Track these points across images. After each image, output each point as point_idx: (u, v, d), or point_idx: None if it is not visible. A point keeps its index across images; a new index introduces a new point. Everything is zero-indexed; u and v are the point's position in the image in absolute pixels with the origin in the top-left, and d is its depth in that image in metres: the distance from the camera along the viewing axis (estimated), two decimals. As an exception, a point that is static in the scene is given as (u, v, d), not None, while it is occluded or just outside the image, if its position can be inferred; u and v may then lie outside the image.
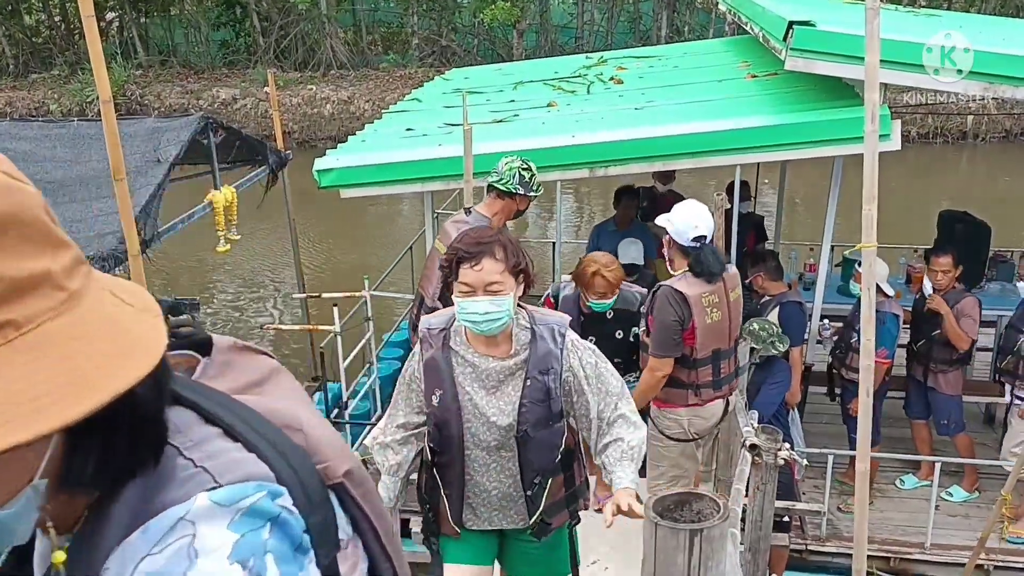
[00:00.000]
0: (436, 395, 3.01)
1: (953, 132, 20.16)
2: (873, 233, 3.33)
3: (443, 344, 3.02)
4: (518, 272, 2.89)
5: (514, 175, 4.74)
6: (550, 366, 2.96)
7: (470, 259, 2.82)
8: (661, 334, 4.41)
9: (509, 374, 2.99)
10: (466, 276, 2.84)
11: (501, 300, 2.83)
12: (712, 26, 22.86)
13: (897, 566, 5.69)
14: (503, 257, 2.83)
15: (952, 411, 6.04)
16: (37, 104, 21.74)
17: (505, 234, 2.90)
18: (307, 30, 23.70)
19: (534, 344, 2.97)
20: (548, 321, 3.03)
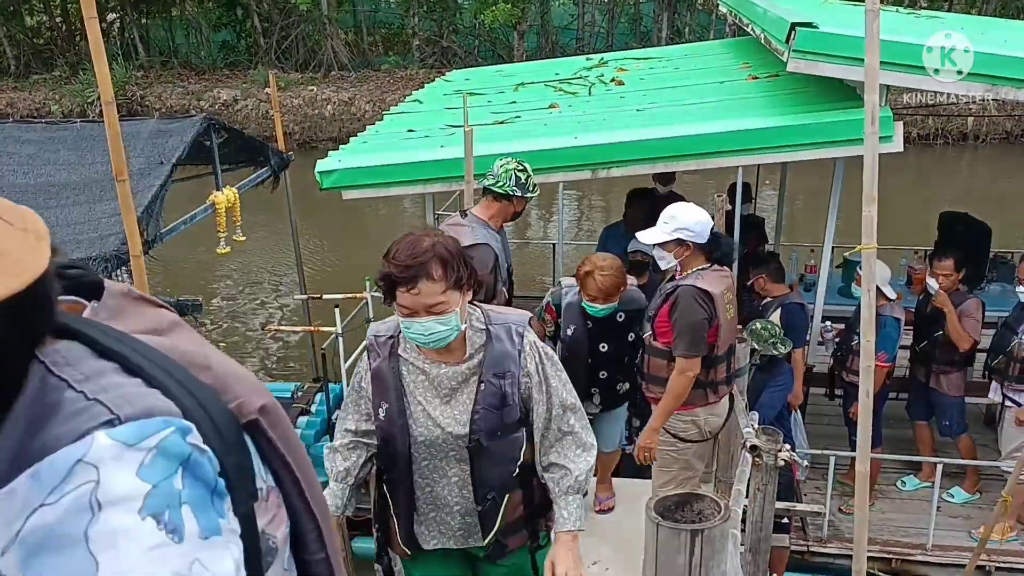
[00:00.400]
0: (382, 408, 2.79)
1: (954, 133, 20.16)
2: (873, 235, 3.33)
3: (390, 353, 2.80)
4: (461, 285, 2.60)
5: (510, 177, 4.70)
6: (506, 369, 2.73)
7: (405, 283, 2.53)
8: (692, 334, 4.36)
9: (463, 380, 2.75)
10: (404, 300, 2.56)
11: (446, 319, 2.58)
12: (713, 27, 22.87)
13: (898, 567, 5.70)
14: (441, 275, 2.53)
15: (954, 412, 6.05)
16: (38, 105, 21.75)
17: (441, 245, 2.56)
18: (308, 31, 23.72)
19: (489, 345, 2.74)
20: (505, 320, 2.80)
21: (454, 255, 2.56)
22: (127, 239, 4.59)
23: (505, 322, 2.78)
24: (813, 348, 6.35)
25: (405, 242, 2.55)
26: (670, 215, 4.39)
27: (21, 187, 5.87)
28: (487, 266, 4.57)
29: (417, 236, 2.56)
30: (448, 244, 2.57)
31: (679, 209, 4.43)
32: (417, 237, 2.56)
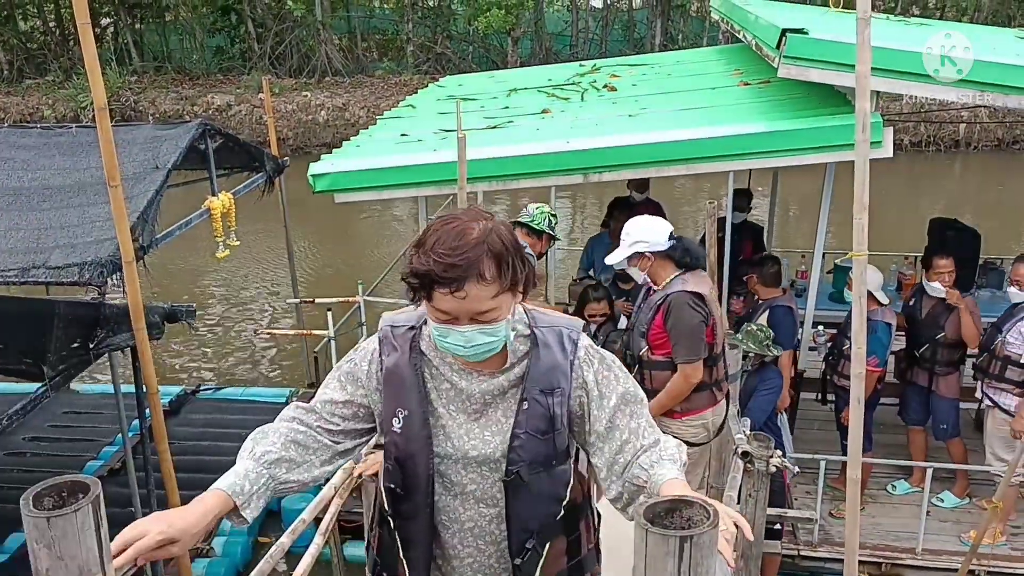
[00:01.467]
0: (400, 416, 2.18)
1: (946, 140, 20.28)
2: (864, 242, 3.34)
3: (411, 348, 2.21)
4: (516, 287, 2.05)
5: (544, 218, 5.54)
6: (556, 384, 2.15)
7: (448, 284, 1.93)
8: (691, 339, 4.45)
9: (499, 394, 2.17)
10: (444, 304, 1.98)
11: (494, 328, 2.03)
12: (706, 34, 22.98)
13: (888, 571, 5.71)
14: (495, 275, 1.96)
15: (951, 415, 6.12)
16: (31, 110, 21.74)
17: (496, 235, 1.99)
18: (302, 37, 23.75)
19: (535, 354, 2.17)
20: (555, 323, 2.24)
21: (510, 249, 2.00)
22: (120, 245, 4.60)
23: (555, 325, 2.22)
24: (804, 353, 6.37)
25: (449, 230, 1.94)
26: (625, 232, 4.60)
27: (16, 190, 5.86)
28: None
29: (464, 222, 1.96)
30: (502, 234, 1.99)
31: (631, 225, 4.64)
32: (464, 224, 1.96)
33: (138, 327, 4.77)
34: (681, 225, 14.63)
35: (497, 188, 5.81)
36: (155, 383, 5.07)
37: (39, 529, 1.43)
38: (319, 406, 2.22)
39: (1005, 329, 5.66)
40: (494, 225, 1.99)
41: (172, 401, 8.25)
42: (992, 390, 5.73)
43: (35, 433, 7.91)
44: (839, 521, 5.93)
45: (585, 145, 5.57)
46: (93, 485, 1.47)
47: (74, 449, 7.68)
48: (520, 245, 2.05)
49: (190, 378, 10.05)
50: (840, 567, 5.43)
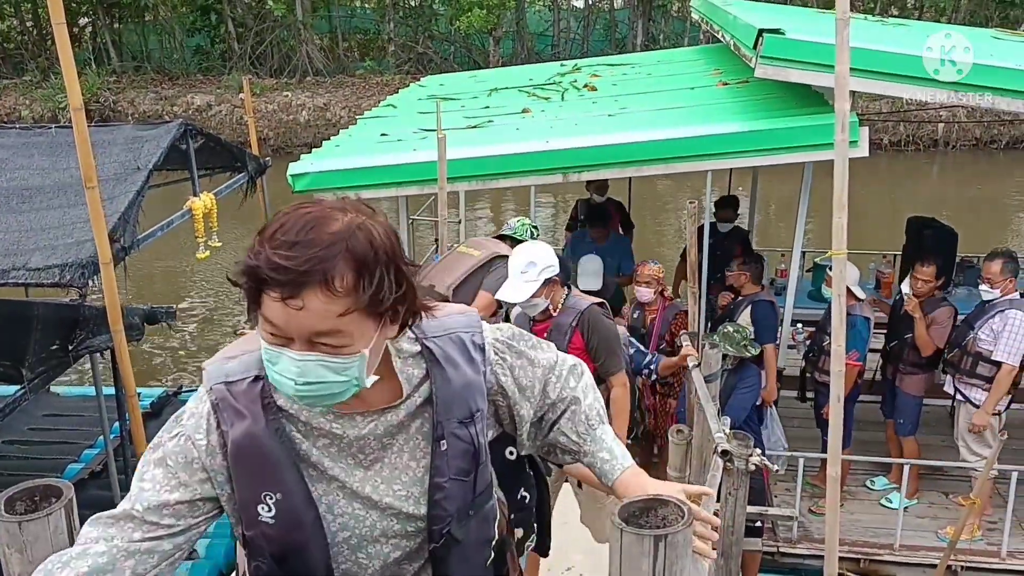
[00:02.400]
0: (269, 503, 1.60)
1: (924, 140, 20.44)
2: (843, 240, 3.38)
3: (264, 407, 1.61)
4: (382, 310, 1.47)
5: (526, 230, 5.63)
6: (474, 408, 1.70)
7: (280, 287, 1.39)
8: (617, 348, 4.49)
9: (398, 430, 1.66)
10: (272, 311, 1.43)
11: (342, 363, 1.46)
12: (687, 34, 23.07)
13: (867, 567, 5.75)
14: (350, 286, 1.41)
15: (910, 413, 6.14)
16: (8, 110, 21.55)
17: (364, 233, 1.45)
18: (283, 36, 23.66)
19: (439, 375, 1.67)
20: (449, 328, 1.73)
21: (381, 257, 1.45)
22: (97, 246, 4.57)
23: (450, 330, 1.72)
24: (783, 351, 6.41)
25: (300, 216, 1.44)
26: (527, 261, 4.31)
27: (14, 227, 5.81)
28: None
29: (324, 211, 1.45)
30: (375, 236, 1.45)
31: (530, 253, 4.37)
32: (323, 213, 1.45)
33: (116, 329, 4.75)
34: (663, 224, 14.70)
35: (477, 187, 5.83)
36: (133, 385, 5.04)
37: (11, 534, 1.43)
38: (141, 511, 1.57)
39: (977, 326, 5.72)
40: (367, 221, 1.46)
41: (154, 403, 8.19)
42: (963, 385, 5.79)
43: (14, 436, 7.84)
44: (818, 517, 5.97)
45: (564, 145, 5.59)
46: (66, 489, 1.47)
47: (54, 452, 7.61)
48: (405, 259, 1.51)
49: (172, 379, 10.00)
50: (819, 563, 5.48)
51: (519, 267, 4.31)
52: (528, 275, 4.29)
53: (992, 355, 5.59)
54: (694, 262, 5.68)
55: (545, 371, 1.86)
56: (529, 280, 4.29)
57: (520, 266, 4.31)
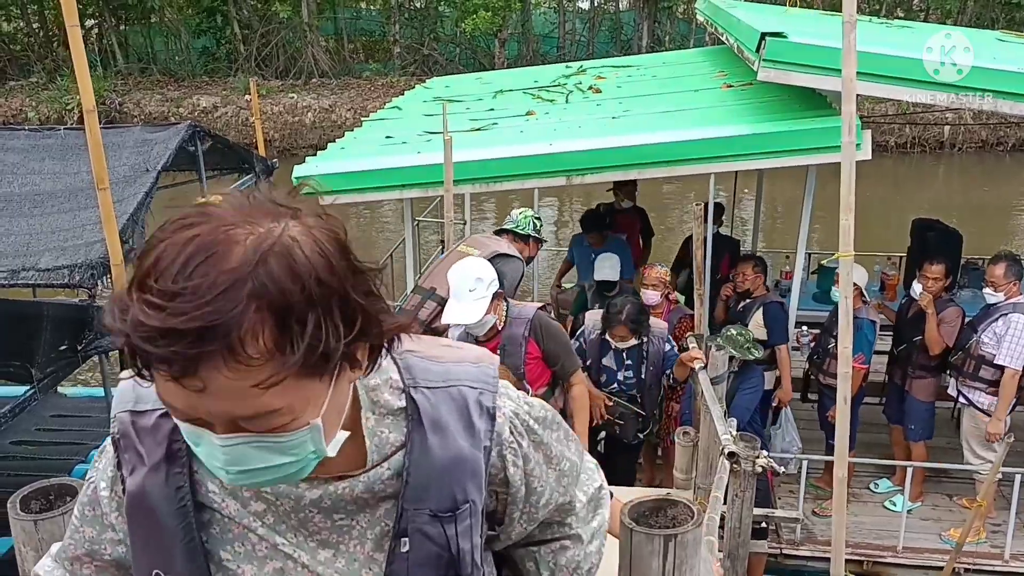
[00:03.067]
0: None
1: (931, 142, 20.40)
2: (850, 242, 3.40)
3: (168, 453, 1.19)
4: (331, 361, 1.01)
5: (529, 222, 5.46)
6: (460, 498, 1.23)
7: (163, 364, 0.94)
8: (570, 346, 4.55)
9: (358, 509, 1.23)
10: (169, 394, 0.99)
11: (289, 440, 1.04)
12: (692, 36, 23.05)
13: (870, 569, 5.76)
14: (268, 347, 0.94)
15: (922, 417, 6.12)
16: (15, 111, 21.61)
17: (282, 257, 0.95)
18: (288, 38, 23.70)
19: (418, 443, 1.21)
20: (452, 379, 1.26)
21: (311, 285, 0.96)
22: (108, 248, 4.61)
23: (451, 382, 1.25)
24: (788, 352, 6.44)
25: (182, 244, 0.95)
26: (474, 278, 4.05)
27: (6, 196, 5.86)
28: (515, 280, 4.82)
29: (218, 230, 0.96)
30: (302, 253, 0.97)
31: (474, 269, 4.11)
32: (218, 232, 0.96)
33: (124, 330, 4.78)
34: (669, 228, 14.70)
35: (481, 190, 5.85)
36: (142, 386, 5.06)
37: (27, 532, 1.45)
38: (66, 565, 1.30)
39: (980, 329, 5.72)
40: (286, 236, 0.96)
41: (160, 404, 8.23)
42: (967, 388, 5.79)
43: (22, 437, 7.88)
44: (821, 519, 5.98)
45: (567, 147, 5.61)
46: (80, 488, 1.48)
47: (62, 453, 7.65)
48: (355, 273, 1.02)
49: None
50: (823, 565, 5.51)
51: (465, 286, 4.03)
52: (477, 292, 4.03)
53: (995, 359, 5.59)
54: (700, 264, 5.70)
55: (560, 477, 1.38)
56: (479, 298, 4.03)
57: (466, 284, 4.03)
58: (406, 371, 1.24)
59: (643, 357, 5.30)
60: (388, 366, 1.23)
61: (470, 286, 4.01)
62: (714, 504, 4.14)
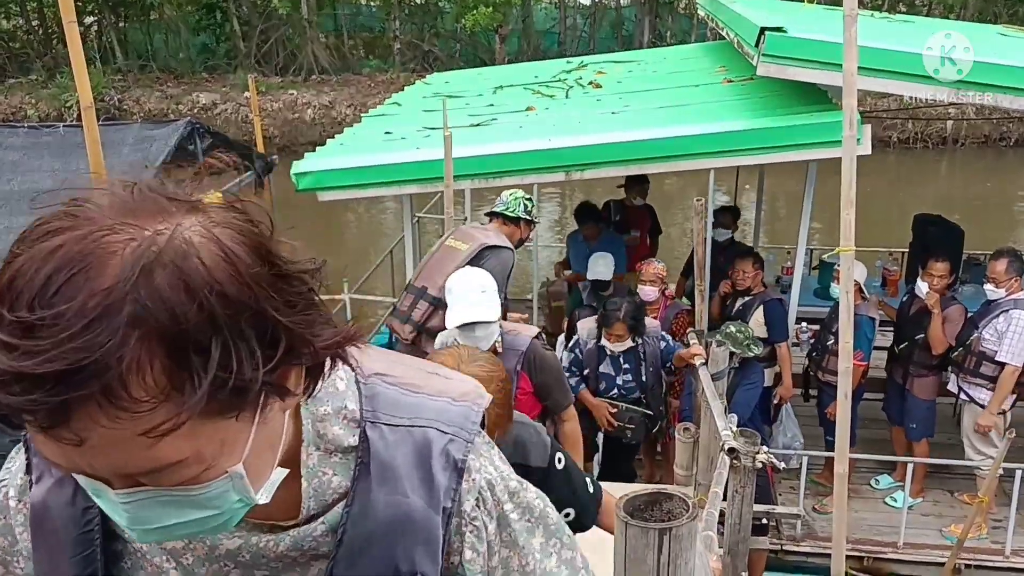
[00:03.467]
0: None
1: (933, 137, 20.34)
2: (851, 237, 3.38)
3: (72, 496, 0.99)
4: (253, 394, 0.79)
5: (519, 204, 5.16)
6: (408, 569, 0.99)
7: (30, 415, 0.72)
8: (563, 378, 4.18)
9: (282, 568, 1.00)
10: (41, 446, 0.78)
11: (202, 492, 0.82)
12: (694, 31, 22.99)
13: (871, 565, 5.75)
14: (157, 385, 0.73)
15: (922, 416, 6.09)
16: (14, 109, 21.61)
17: (170, 263, 0.73)
18: (288, 35, 23.67)
19: (361, 494, 0.98)
20: (420, 417, 1.02)
21: (212, 303, 0.74)
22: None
23: (418, 420, 1.02)
24: (788, 347, 6.42)
25: (38, 257, 0.73)
26: (479, 287, 3.71)
27: (6, 194, 5.85)
28: (506, 270, 4.72)
29: (88, 233, 0.74)
30: (198, 262, 0.75)
31: (480, 279, 3.78)
32: (88, 236, 0.74)
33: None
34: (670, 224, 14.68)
35: (480, 186, 5.82)
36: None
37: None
38: None
39: (981, 325, 5.69)
40: (176, 240, 0.76)
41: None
42: (967, 384, 5.77)
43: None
44: (822, 516, 5.97)
45: (567, 143, 5.59)
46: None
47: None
48: (276, 275, 0.81)
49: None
50: (823, 561, 5.48)
51: (473, 289, 3.68)
52: (487, 297, 3.69)
53: (996, 356, 5.56)
54: (701, 259, 5.68)
55: None
56: (491, 303, 3.68)
57: (475, 288, 3.69)
58: (368, 400, 1.00)
59: (640, 359, 5.28)
60: (347, 391, 1.00)
61: (482, 287, 3.71)
62: (714, 500, 4.13)
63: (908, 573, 5.77)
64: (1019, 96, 5.05)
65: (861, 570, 5.71)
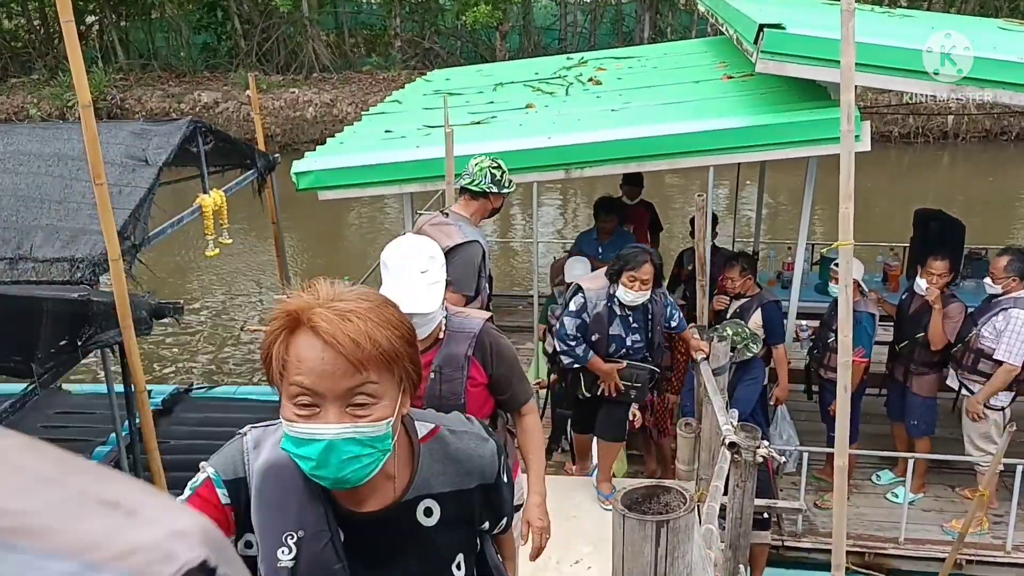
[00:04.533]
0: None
1: (934, 132, 20.33)
2: (850, 231, 3.39)
3: None
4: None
5: (485, 175, 4.72)
6: None
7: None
8: (521, 369, 3.50)
9: None
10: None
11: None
12: (695, 27, 22.96)
13: (872, 561, 5.76)
14: None
15: (923, 413, 6.08)
16: (16, 108, 21.63)
17: None
18: (289, 33, 23.68)
19: None
20: None
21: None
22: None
23: None
24: (788, 345, 6.42)
25: None
26: (426, 256, 3.04)
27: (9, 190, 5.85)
28: (475, 264, 4.62)
29: None
30: None
31: (424, 246, 3.10)
32: None
33: (125, 325, 4.78)
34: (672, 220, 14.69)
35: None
36: (143, 382, 5.08)
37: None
38: None
39: (980, 323, 5.69)
40: None
41: (165, 400, 8.24)
42: (966, 380, 5.77)
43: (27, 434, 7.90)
44: (823, 512, 5.98)
45: (566, 141, 5.60)
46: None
47: (67, 449, 7.67)
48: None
49: (182, 377, 10.05)
50: (824, 557, 5.50)
51: (416, 265, 3.01)
52: (431, 275, 3.02)
53: (994, 354, 5.56)
54: (702, 254, 5.69)
55: None
56: (433, 283, 3.02)
57: (417, 264, 3.01)
58: None
59: (648, 318, 5.17)
60: None
61: (422, 266, 2.99)
62: (714, 493, 4.14)
63: (909, 569, 5.78)
64: (1019, 92, 5.05)
65: (862, 565, 5.72)
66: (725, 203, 13.52)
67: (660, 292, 5.23)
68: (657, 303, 5.17)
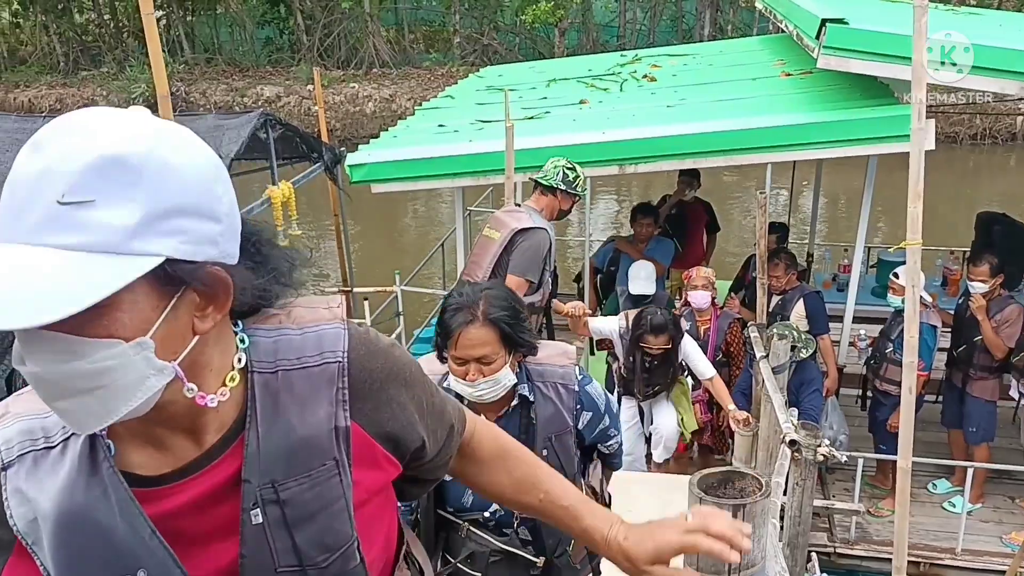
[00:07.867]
0: None
1: (1003, 133, 19.77)
2: (918, 231, 3.32)
3: None
4: None
5: (558, 173, 4.93)
6: None
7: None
8: None
9: None
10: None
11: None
12: (756, 24, 22.65)
13: (928, 571, 5.61)
14: None
15: (983, 419, 5.89)
16: (86, 100, 22.20)
17: None
18: (350, 29, 23.93)
19: None
20: None
21: None
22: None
23: None
24: (843, 347, 6.29)
25: None
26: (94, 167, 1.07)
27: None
28: (541, 251, 4.65)
29: None
30: None
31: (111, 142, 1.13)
32: None
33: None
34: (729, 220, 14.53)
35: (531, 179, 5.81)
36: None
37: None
38: None
39: (1044, 329, 5.50)
40: None
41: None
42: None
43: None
44: (876, 520, 5.85)
45: (620, 136, 5.55)
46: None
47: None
48: None
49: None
50: (877, 565, 5.40)
51: (61, 184, 1.09)
52: (84, 213, 1.23)
53: None
54: (763, 252, 5.60)
55: None
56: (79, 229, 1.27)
57: (64, 181, 1.08)
58: None
59: None
60: None
61: (67, 185, 0.97)
62: (775, 491, 4.08)
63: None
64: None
65: (918, 575, 5.58)
66: (783, 204, 13.30)
67: None
68: None
